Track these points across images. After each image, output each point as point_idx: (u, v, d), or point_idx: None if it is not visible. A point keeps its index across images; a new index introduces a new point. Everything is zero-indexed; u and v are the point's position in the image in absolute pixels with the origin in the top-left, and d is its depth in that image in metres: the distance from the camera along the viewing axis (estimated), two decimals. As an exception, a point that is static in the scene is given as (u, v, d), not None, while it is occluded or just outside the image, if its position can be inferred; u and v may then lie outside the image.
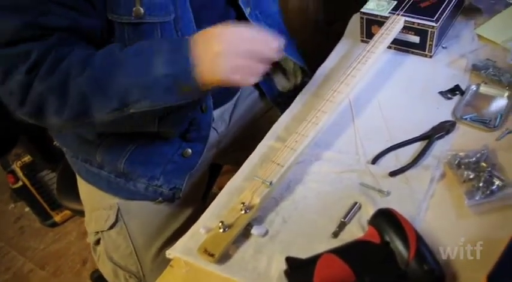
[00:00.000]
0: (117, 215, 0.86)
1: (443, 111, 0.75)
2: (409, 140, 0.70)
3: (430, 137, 0.70)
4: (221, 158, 1.04)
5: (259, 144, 0.77)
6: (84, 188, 0.93)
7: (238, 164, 0.75)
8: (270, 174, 0.65)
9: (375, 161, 0.69)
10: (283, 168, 0.65)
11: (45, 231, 1.70)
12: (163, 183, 0.83)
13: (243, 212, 0.61)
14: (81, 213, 0.98)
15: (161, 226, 0.89)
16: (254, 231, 0.61)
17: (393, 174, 0.66)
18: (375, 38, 0.82)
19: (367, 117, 0.77)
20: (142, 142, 0.81)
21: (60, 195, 1.15)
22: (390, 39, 0.83)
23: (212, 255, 0.58)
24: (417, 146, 0.70)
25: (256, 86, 1.01)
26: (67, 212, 1.65)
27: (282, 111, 0.84)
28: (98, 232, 0.88)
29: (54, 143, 0.98)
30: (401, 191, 0.64)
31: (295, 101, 0.84)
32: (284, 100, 0.97)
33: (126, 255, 0.87)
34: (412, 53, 0.88)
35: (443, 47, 0.89)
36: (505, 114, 0.72)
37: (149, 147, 0.81)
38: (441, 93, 0.78)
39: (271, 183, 0.63)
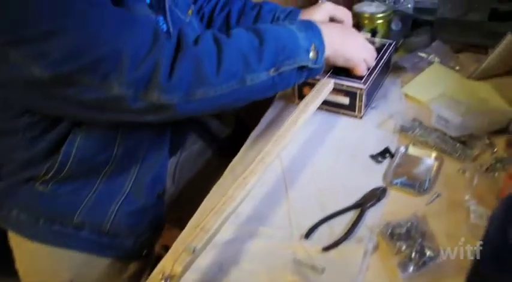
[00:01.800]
0: None
1: (375, 176, 0.75)
2: (341, 210, 0.69)
3: (361, 205, 0.69)
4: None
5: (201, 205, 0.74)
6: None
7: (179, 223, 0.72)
8: (194, 239, 0.60)
9: (308, 234, 0.67)
10: (208, 233, 0.61)
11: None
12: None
13: (163, 283, 0.56)
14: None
15: None
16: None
17: (327, 249, 0.64)
18: (305, 99, 0.82)
19: (300, 186, 0.75)
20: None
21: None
22: (320, 100, 0.83)
23: None
24: (350, 215, 0.69)
25: (199, 134, 1.03)
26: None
27: (225, 157, 0.84)
28: None
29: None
30: (336, 266, 0.62)
31: (230, 164, 0.82)
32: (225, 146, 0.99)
33: None
34: (343, 113, 0.89)
35: (372, 108, 0.90)
36: (433, 177, 0.73)
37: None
38: (372, 156, 0.78)
39: (194, 249, 0.59)
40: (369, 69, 0.87)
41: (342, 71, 0.86)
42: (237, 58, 0.68)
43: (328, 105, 0.90)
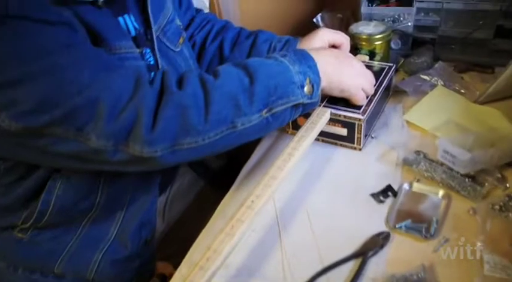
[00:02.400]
0: None
1: (377, 217, 0.68)
2: (340, 260, 0.63)
3: (363, 254, 0.63)
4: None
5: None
6: None
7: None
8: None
9: (304, 290, 0.60)
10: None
11: None
12: None
13: None
14: None
15: None
16: None
17: (325, 307, 0.58)
18: (300, 131, 0.76)
19: (295, 231, 0.69)
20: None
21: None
22: (316, 133, 0.77)
23: None
24: (350, 266, 0.63)
25: (190, 166, 0.98)
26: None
27: (217, 188, 0.79)
28: None
29: None
30: (335, 327, 0.56)
31: (218, 207, 0.76)
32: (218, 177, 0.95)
33: None
34: (341, 145, 0.83)
35: (372, 137, 0.84)
36: (440, 218, 0.67)
37: None
38: (373, 195, 0.72)
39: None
40: (368, 96, 0.81)
41: (339, 99, 0.81)
42: (226, 102, 0.62)
43: (325, 137, 0.84)
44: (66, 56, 0.57)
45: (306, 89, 0.69)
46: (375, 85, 0.83)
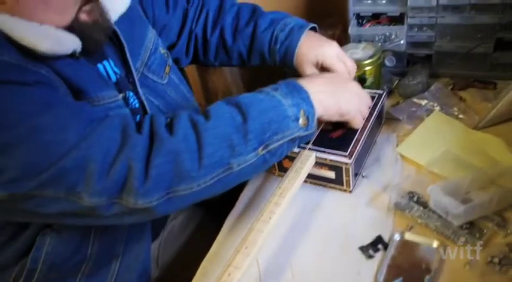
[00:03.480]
0: None
1: (366, 274, 0.64)
2: (325, 331, 0.59)
3: (350, 323, 0.59)
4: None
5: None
6: None
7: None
8: None
9: None
10: None
11: None
12: None
13: None
14: None
15: None
16: None
17: None
18: (286, 178, 0.71)
19: (279, 294, 0.65)
20: None
21: None
22: (303, 177, 0.72)
23: None
24: None
25: None
26: None
27: (212, 222, 0.77)
28: None
29: None
30: None
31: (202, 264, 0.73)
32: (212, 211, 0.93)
33: None
34: (330, 187, 0.79)
35: (363, 177, 0.79)
36: (434, 274, 0.62)
37: None
38: (362, 249, 0.67)
39: None
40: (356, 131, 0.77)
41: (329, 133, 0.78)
42: (219, 143, 0.59)
43: (313, 179, 0.79)
44: (47, 116, 0.55)
45: (300, 121, 0.65)
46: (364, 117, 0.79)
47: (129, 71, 0.74)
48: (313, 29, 0.86)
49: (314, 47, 0.82)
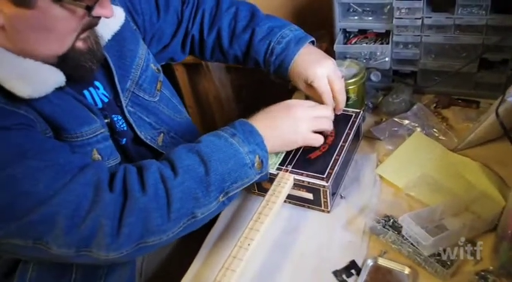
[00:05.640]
0: None
1: (338, 300, 0.66)
2: None
3: None
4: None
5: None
6: None
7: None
8: None
9: None
10: None
11: None
12: None
13: None
14: None
15: None
16: None
17: None
18: (264, 202, 0.72)
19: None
20: None
21: None
22: (281, 201, 0.73)
23: None
24: None
25: None
26: None
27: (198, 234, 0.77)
28: None
29: None
30: None
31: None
32: None
33: None
34: (309, 207, 0.80)
35: (342, 197, 0.80)
36: (404, 302, 0.64)
37: None
38: (335, 273, 0.69)
39: None
40: (329, 140, 0.80)
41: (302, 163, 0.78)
42: (186, 198, 0.63)
43: (293, 199, 0.80)
44: (22, 167, 0.55)
45: (256, 165, 0.69)
46: (341, 137, 0.80)
47: (117, 95, 0.75)
48: (311, 42, 0.86)
49: (306, 66, 0.82)
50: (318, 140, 0.78)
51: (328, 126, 0.79)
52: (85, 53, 0.65)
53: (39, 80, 0.60)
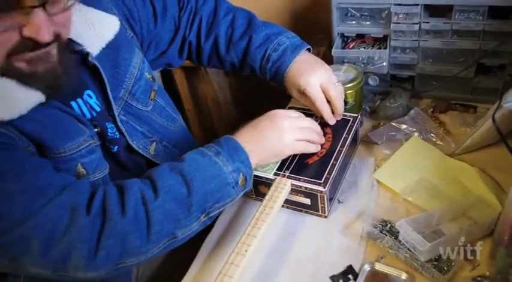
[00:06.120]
0: None
1: (335, 305, 0.66)
2: None
3: None
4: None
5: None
6: None
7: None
8: None
9: None
10: None
11: None
12: None
13: None
14: None
15: None
16: None
17: None
18: (262, 207, 0.72)
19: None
20: None
21: None
22: (278, 206, 0.73)
23: None
24: None
25: None
26: None
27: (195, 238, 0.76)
28: None
29: None
30: None
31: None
32: None
33: None
34: (307, 212, 0.80)
35: (339, 202, 0.80)
36: (401, 308, 0.64)
37: None
38: (332, 278, 0.69)
39: None
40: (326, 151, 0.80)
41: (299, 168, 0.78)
42: (166, 219, 0.63)
43: (290, 205, 0.80)
44: None
45: (239, 183, 0.69)
46: (339, 141, 0.80)
47: (109, 104, 0.74)
48: (308, 49, 0.87)
49: (301, 74, 0.82)
50: (307, 148, 0.78)
51: (313, 137, 0.79)
52: (27, 75, 0.58)
53: (14, 101, 0.59)
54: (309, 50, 0.87)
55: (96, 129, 0.72)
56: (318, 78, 0.81)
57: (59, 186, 0.60)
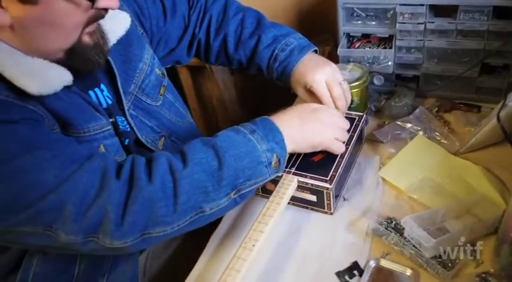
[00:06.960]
0: None
1: (341, 300, 0.67)
2: None
3: None
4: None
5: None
6: None
7: None
8: None
9: None
10: None
11: None
12: None
13: None
14: None
15: None
16: None
17: None
18: (269, 203, 0.73)
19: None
20: None
21: None
22: (285, 202, 0.74)
23: None
24: None
25: None
26: None
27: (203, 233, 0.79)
28: None
29: None
30: None
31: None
32: None
33: None
34: (312, 209, 0.81)
35: (344, 199, 0.81)
36: (406, 303, 0.65)
37: None
38: (338, 274, 0.70)
39: None
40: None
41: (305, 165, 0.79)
42: (194, 190, 0.62)
43: (296, 201, 0.81)
44: (29, 158, 0.56)
45: (273, 164, 0.68)
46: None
47: (119, 98, 0.76)
48: (314, 50, 0.88)
49: (307, 72, 0.83)
50: (338, 149, 0.78)
51: (345, 139, 0.80)
52: (91, 47, 0.65)
53: (47, 78, 0.61)
54: (315, 51, 0.88)
55: (111, 119, 0.74)
56: (323, 76, 0.82)
57: (86, 154, 0.61)
